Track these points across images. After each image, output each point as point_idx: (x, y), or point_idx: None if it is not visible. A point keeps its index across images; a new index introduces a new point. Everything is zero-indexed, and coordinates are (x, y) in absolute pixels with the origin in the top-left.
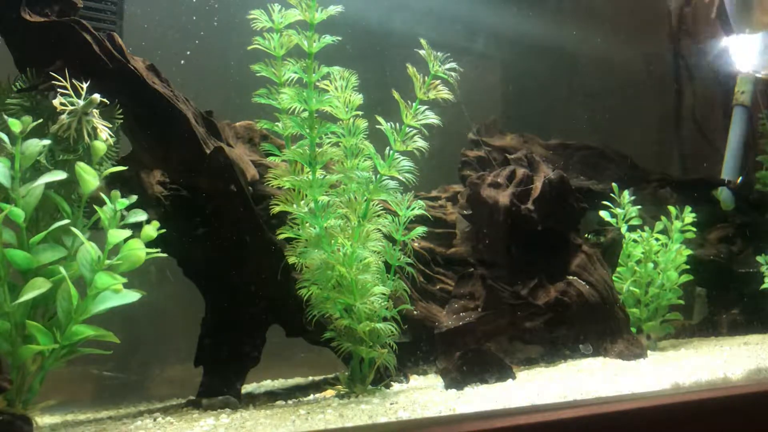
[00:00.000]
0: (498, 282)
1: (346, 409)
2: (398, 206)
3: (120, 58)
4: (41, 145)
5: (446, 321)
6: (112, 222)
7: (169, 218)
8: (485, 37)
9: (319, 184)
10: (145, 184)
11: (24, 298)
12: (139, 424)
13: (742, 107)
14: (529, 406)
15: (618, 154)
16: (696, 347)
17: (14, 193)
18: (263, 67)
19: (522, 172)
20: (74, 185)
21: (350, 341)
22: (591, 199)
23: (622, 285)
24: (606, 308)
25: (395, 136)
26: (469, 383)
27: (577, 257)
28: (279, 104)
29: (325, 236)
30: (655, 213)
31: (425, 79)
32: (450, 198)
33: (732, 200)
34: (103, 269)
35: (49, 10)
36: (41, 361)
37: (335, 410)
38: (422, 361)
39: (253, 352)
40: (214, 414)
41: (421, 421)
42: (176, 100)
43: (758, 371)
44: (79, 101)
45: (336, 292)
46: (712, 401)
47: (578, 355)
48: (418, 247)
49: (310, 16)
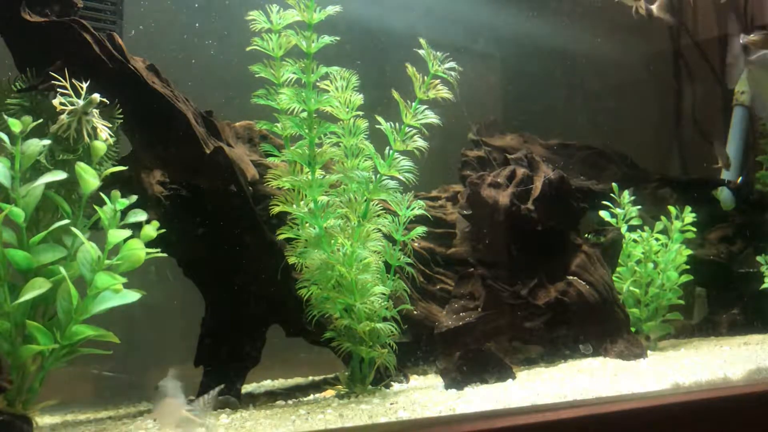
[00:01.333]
0: (498, 282)
1: (346, 409)
2: (398, 206)
3: (120, 58)
4: (41, 145)
5: (446, 321)
6: (112, 222)
7: (169, 218)
8: (485, 37)
9: (318, 184)
10: (145, 184)
11: (24, 298)
12: (139, 424)
13: (742, 107)
14: (529, 406)
15: (618, 154)
16: (696, 347)
17: (14, 193)
18: (262, 67)
19: (522, 172)
20: (74, 185)
21: (350, 341)
22: (591, 199)
23: (622, 285)
24: (606, 308)
25: (395, 135)
26: (469, 383)
27: (577, 257)
28: (278, 105)
29: (325, 236)
30: (655, 213)
31: (425, 79)
32: (450, 198)
33: (732, 200)
34: (103, 269)
35: (49, 10)
36: (41, 361)
37: (335, 410)
38: (422, 361)
39: (253, 352)
40: (214, 414)
41: (421, 421)
42: (176, 100)
43: (758, 371)
44: (78, 101)
45: (336, 292)
46: (712, 401)
47: (578, 355)
48: (418, 247)
49: (308, 17)
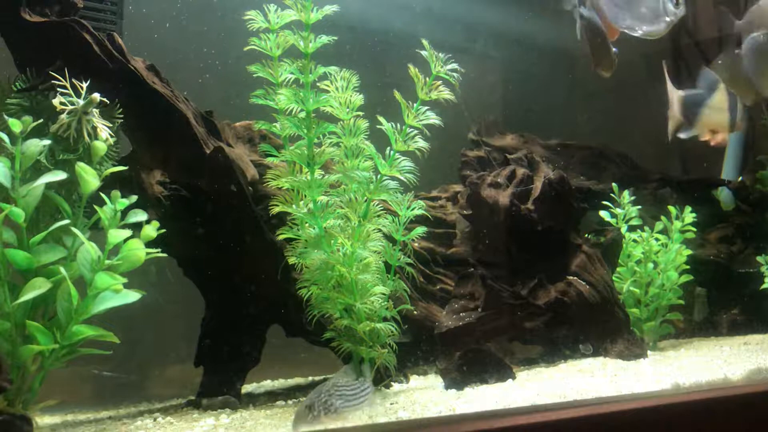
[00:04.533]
0: (498, 282)
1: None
2: (398, 206)
3: (120, 58)
4: (41, 145)
5: (446, 321)
6: (112, 222)
7: (169, 218)
8: (485, 37)
9: (317, 185)
10: (145, 184)
11: (24, 298)
12: (139, 424)
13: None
14: (529, 406)
15: (618, 154)
16: (696, 347)
17: (14, 193)
18: (260, 67)
19: (522, 172)
20: (74, 185)
21: (350, 341)
22: (591, 199)
23: (622, 285)
24: (606, 308)
25: (396, 136)
26: (469, 383)
27: (577, 257)
28: (276, 105)
29: (325, 236)
30: (655, 213)
31: (426, 80)
32: (450, 198)
33: (732, 200)
34: (103, 269)
35: (49, 10)
36: (41, 361)
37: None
38: (422, 361)
39: (253, 352)
40: (214, 414)
41: (421, 421)
42: (176, 100)
43: (758, 371)
44: (78, 101)
45: (336, 292)
46: (712, 401)
47: (578, 355)
48: (418, 247)
49: (306, 17)
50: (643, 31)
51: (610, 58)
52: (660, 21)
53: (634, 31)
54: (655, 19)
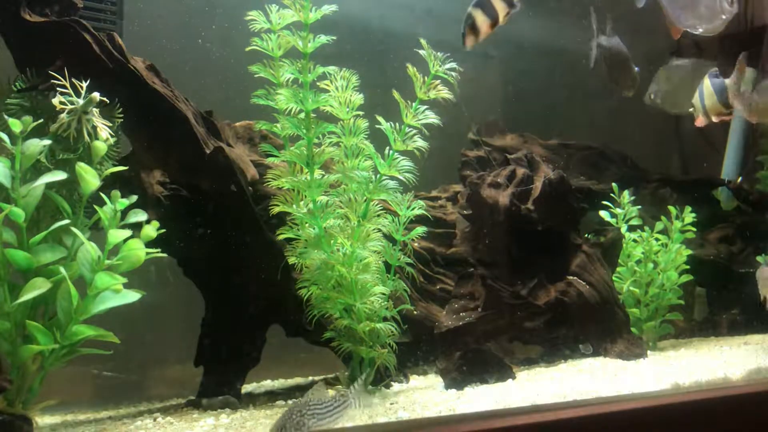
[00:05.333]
0: (498, 282)
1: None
2: (398, 206)
3: (120, 58)
4: (41, 144)
5: (446, 321)
6: (112, 222)
7: (169, 218)
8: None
9: (317, 185)
10: (145, 184)
11: (24, 298)
12: (139, 424)
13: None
14: (529, 406)
15: (618, 154)
16: (696, 347)
17: (14, 193)
18: (261, 68)
19: (522, 172)
20: (74, 185)
21: (350, 341)
22: (591, 199)
23: (622, 285)
24: (606, 308)
25: (395, 135)
26: (469, 383)
27: (577, 257)
28: (276, 105)
29: (325, 236)
30: (655, 213)
31: (425, 79)
32: (450, 198)
33: (732, 200)
34: (103, 269)
35: (49, 10)
36: (41, 361)
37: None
38: (422, 361)
39: (253, 352)
40: (214, 414)
41: (421, 421)
42: (176, 100)
43: (758, 371)
44: (78, 100)
45: (336, 292)
46: (712, 401)
47: (578, 355)
48: (418, 247)
49: (305, 17)
50: (703, 28)
51: (633, 77)
52: (717, 18)
53: (695, 30)
54: (713, 17)
